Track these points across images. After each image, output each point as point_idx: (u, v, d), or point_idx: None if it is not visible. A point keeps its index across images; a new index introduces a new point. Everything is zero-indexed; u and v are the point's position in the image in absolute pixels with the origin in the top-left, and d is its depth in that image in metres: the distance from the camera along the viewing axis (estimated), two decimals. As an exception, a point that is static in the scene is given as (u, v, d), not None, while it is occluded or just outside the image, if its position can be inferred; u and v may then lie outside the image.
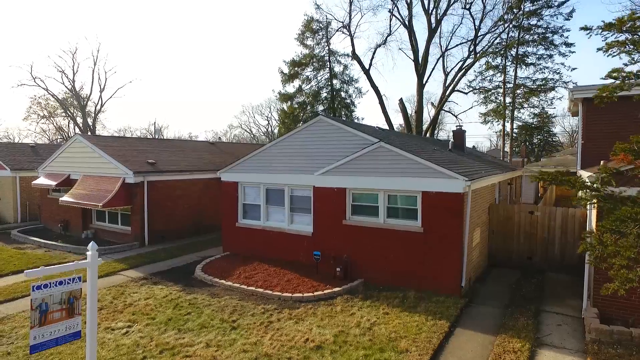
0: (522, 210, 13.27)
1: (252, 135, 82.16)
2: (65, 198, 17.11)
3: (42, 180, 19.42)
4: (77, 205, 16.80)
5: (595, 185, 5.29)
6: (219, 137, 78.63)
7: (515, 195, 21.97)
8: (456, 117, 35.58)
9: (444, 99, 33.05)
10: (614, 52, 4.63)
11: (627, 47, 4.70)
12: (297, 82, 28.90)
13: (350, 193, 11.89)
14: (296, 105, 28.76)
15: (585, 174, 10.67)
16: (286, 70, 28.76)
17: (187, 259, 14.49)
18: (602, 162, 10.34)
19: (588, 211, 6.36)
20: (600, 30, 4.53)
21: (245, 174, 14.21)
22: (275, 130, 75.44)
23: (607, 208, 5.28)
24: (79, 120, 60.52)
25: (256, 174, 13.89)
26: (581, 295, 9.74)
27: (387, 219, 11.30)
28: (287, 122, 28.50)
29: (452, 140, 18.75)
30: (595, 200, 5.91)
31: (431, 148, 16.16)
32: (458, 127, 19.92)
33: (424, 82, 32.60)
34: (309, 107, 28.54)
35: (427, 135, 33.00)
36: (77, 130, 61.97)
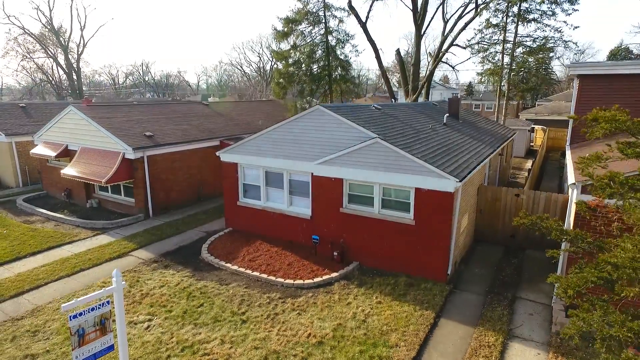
0: (509, 193, 14.04)
1: (242, 72, 79.90)
2: (68, 171, 17.45)
3: (40, 150, 19.54)
4: (80, 179, 17.20)
5: (577, 236, 5.94)
6: (209, 93, 75.78)
7: (506, 160, 22.62)
8: (453, 68, 34.84)
9: (442, 49, 32.16)
10: None
11: None
12: (291, 39, 27.89)
13: (347, 183, 12.45)
14: (291, 62, 28.02)
15: (572, 177, 11.23)
16: (280, 28, 27.63)
17: (193, 235, 15.35)
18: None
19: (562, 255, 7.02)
20: None
21: (244, 156, 14.56)
22: (267, 67, 73.31)
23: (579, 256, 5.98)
24: (61, 59, 58.06)
25: (255, 156, 14.25)
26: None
27: (382, 209, 12.01)
28: (281, 83, 28.02)
29: (447, 114, 18.90)
30: (569, 247, 6.66)
31: (428, 124, 16.44)
32: (454, 95, 19.97)
33: (422, 33, 31.52)
34: (303, 66, 27.86)
35: (424, 89, 32.61)
36: (60, 70, 59.63)
